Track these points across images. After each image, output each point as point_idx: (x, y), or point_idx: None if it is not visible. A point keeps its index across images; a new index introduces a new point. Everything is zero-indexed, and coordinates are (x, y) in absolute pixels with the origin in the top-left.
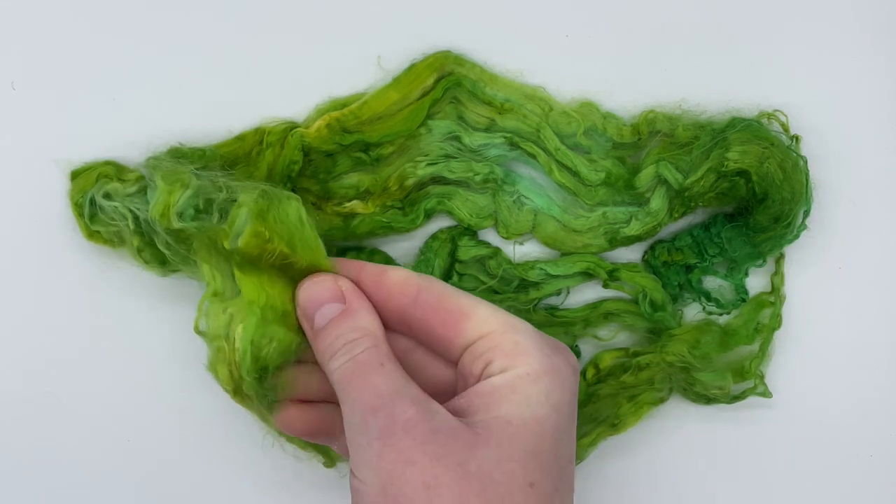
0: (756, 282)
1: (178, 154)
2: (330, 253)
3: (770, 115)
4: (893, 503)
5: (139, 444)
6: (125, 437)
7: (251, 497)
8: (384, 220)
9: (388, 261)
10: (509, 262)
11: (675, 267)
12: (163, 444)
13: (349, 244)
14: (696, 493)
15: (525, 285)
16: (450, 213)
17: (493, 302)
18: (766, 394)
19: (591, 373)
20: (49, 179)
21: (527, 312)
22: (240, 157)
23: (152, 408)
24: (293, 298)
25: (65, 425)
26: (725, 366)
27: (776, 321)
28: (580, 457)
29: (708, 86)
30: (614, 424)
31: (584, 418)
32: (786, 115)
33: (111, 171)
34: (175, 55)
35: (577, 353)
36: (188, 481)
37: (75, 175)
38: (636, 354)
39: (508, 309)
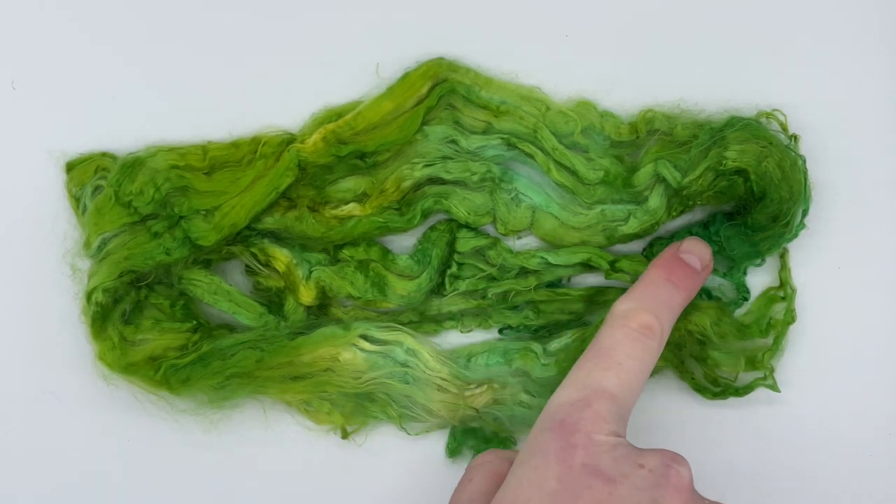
0: (755, 281)
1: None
2: (327, 250)
3: (769, 115)
4: (893, 503)
5: (138, 444)
6: (126, 436)
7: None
8: (381, 220)
9: (386, 253)
10: (509, 250)
11: None
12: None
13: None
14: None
15: (525, 272)
16: (447, 212)
17: (493, 287)
18: (774, 387)
19: None
20: (50, 177)
21: (528, 292)
22: (230, 162)
23: (145, 406)
24: None
25: (64, 423)
26: (740, 351)
27: (790, 315)
28: None
29: (707, 84)
30: None
31: None
32: (784, 115)
33: (109, 163)
34: (175, 59)
35: (584, 325)
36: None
37: (71, 167)
38: None
39: (508, 292)
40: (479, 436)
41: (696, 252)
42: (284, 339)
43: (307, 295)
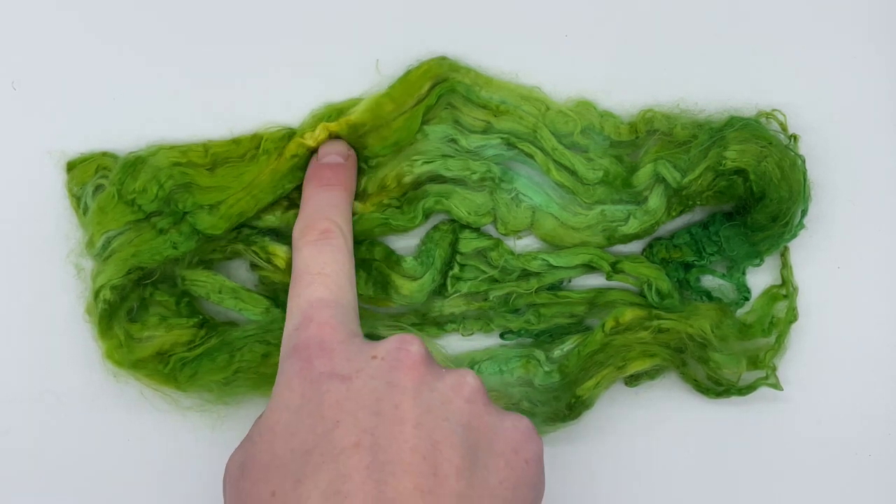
0: (756, 280)
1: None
2: None
3: (768, 115)
4: (893, 503)
5: (145, 441)
6: (132, 434)
7: None
8: (382, 217)
9: (389, 253)
10: (511, 252)
11: (673, 264)
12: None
13: None
14: (695, 487)
15: (527, 274)
16: (448, 213)
17: (494, 290)
18: (776, 386)
19: (609, 324)
20: (51, 177)
21: (529, 296)
22: (232, 158)
23: (150, 402)
24: None
25: (69, 423)
26: (742, 352)
27: (792, 314)
28: (588, 403)
29: (706, 84)
30: (620, 367)
31: (594, 365)
32: (784, 115)
33: (110, 162)
34: (174, 58)
35: (585, 328)
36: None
37: (71, 166)
38: (658, 317)
39: (510, 295)
40: None
41: (332, 151)
42: None
43: None
